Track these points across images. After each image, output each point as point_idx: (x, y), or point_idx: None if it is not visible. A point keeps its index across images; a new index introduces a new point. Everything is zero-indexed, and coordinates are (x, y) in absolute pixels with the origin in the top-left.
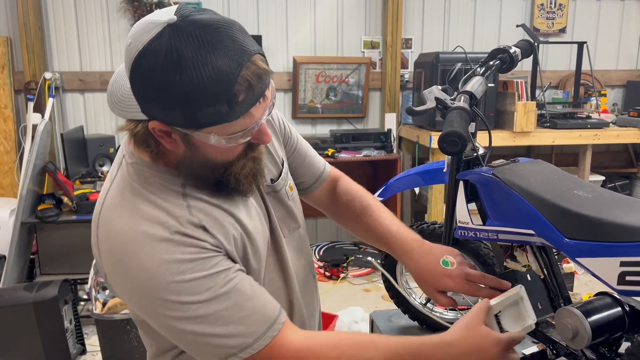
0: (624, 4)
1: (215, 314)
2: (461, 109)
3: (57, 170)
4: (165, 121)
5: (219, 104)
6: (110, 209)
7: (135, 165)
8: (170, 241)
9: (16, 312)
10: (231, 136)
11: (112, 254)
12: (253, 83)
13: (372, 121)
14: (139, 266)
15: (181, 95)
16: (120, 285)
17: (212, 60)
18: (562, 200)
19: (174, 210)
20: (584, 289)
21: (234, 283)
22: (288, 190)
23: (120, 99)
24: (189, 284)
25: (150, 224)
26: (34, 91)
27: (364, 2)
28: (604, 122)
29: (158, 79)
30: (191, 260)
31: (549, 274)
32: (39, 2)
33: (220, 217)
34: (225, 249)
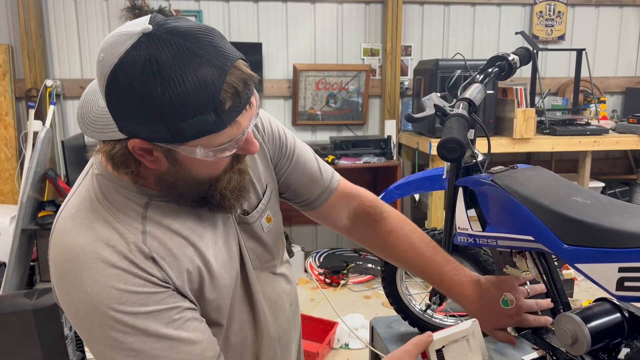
0: (622, 11)
1: (149, 352)
2: (460, 115)
3: (58, 177)
4: (146, 138)
5: (205, 113)
6: (66, 220)
7: (100, 177)
8: (117, 268)
9: (16, 319)
10: (218, 148)
11: (59, 266)
12: (239, 89)
13: (372, 128)
14: (82, 288)
15: (164, 107)
16: (61, 300)
17: (195, 68)
18: (561, 207)
19: (126, 234)
20: (584, 296)
21: (176, 325)
22: (264, 222)
23: (93, 119)
24: (127, 317)
25: (100, 245)
26: (35, 98)
27: (364, 10)
28: (604, 129)
29: (137, 93)
30: (134, 292)
31: (548, 280)
32: (40, 10)
33: (176, 248)
34: (174, 284)
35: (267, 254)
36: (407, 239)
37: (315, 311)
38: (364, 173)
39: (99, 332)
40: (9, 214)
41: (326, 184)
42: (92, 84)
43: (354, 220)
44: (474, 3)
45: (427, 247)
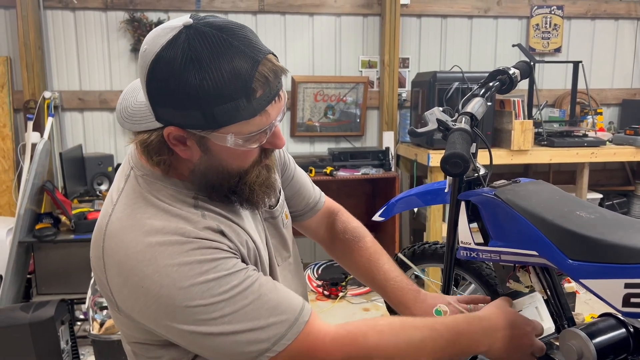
0: (618, 24)
1: (242, 310)
2: (463, 130)
3: (56, 189)
4: (181, 124)
5: (237, 99)
6: (121, 220)
7: (146, 177)
8: (191, 243)
9: (12, 332)
10: (248, 136)
11: (123, 266)
12: (270, 79)
13: (370, 139)
14: (159, 272)
15: (200, 93)
16: (132, 298)
17: (230, 58)
18: (565, 221)
19: (191, 217)
20: (583, 308)
21: (255, 278)
22: (284, 217)
23: (132, 113)
24: (211, 284)
25: (166, 233)
26: (33, 110)
27: (362, 22)
28: (601, 141)
29: (176, 79)
30: (212, 260)
31: (552, 295)
32: (39, 22)
33: (234, 227)
34: (241, 253)
35: (285, 251)
36: (370, 250)
37: None
38: (362, 184)
39: (185, 313)
40: (5, 226)
41: (315, 201)
42: (133, 83)
43: (332, 234)
44: (471, 16)
45: (388, 261)
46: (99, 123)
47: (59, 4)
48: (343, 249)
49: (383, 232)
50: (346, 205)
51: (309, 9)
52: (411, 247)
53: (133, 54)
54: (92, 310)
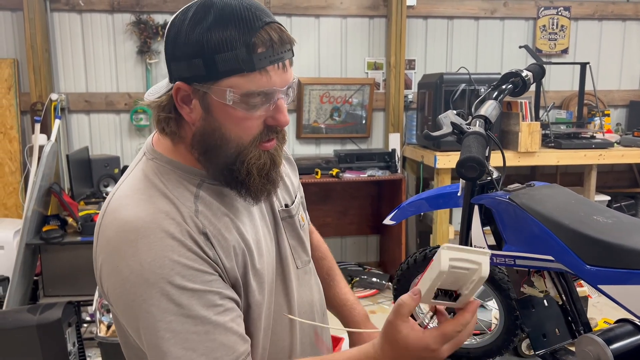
0: (625, 25)
1: (185, 335)
2: (478, 133)
3: (62, 191)
4: (187, 77)
5: (237, 49)
6: (122, 198)
7: (156, 160)
8: (174, 239)
9: (19, 334)
10: (246, 93)
11: (112, 240)
12: (274, 40)
13: (375, 141)
14: (135, 256)
15: (203, 40)
16: (109, 277)
17: (238, 13)
18: (582, 226)
19: (183, 208)
20: (592, 311)
21: (217, 310)
22: (300, 219)
23: (155, 89)
24: (174, 290)
25: (161, 215)
26: (40, 112)
27: (368, 24)
28: (609, 142)
29: (186, 30)
30: (186, 266)
31: (567, 300)
32: (46, 25)
33: (224, 228)
34: (222, 265)
35: (305, 254)
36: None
37: None
38: (368, 186)
39: (141, 307)
40: (12, 228)
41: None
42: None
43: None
44: (478, 17)
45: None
46: (105, 125)
47: (66, 6)
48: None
49: (389, 234)
50: (352, 207)
51: (315, 11)
52: (422, 251)
53: (139, 56)
54: (98, 312)
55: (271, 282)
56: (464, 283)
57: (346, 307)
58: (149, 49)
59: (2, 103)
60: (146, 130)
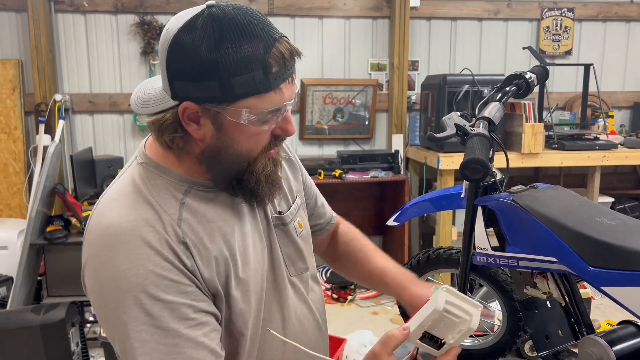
0: (630, 26)
1: (153, 345)
2: (481, 135)
3: (66, 191)
4: (198, 98)
5: (254, 71)
6: (108, 202)
7: (145, 165)
8: (151, 248)
9: (23, 334)
10: (262, 113)
11: (94, 244)
12: (286, 57)
13: (379, 142)
14: (112, 263)
15: (219, 62)
16: (89, 279)
17: (250, 32)
18: (586, 228)
19: (164, 216)
20: (595, 312)
21: (189, 324)
22: (297, 226)
23: (147, 98)
24: (147, 299)
25: (141, 223)
26: (44, 113)
27: (371, 25)
28: (612, 144)
29: (197, 50)
30: (161, 276)
31: (570, 302)
32: (50, 26)
33: (207, 237)
34: (201, 276)
35: (301, 262)
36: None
37: None
38: (371, 187)
39: (114, 314)
40: (16, 228)
41: (329, 219)
42: (146, 80)
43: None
44: (481, 18)
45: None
46: (109, 125)
47: (70, 7)
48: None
49: (392, 235)
50: (355, 208)
51: (318, 12)
52: (426, 252)
53: (143, 57)
54: None
55: (260, 290)
56: (451, 331)
57: (386, 276)
58: (153, 50)
59: (6, 104)
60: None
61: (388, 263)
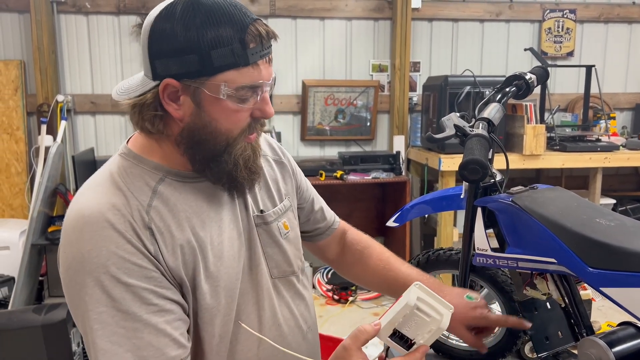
0: (632, 27)
1: (113, 328)
2: (480, 136)
3: (68, 191)
4: (178, 74)
5: (233, 44)
6: (83, 190)
7: (124, 155)
8: (115, 230)
9: (24, 334)
10: (240, 87)
11: (66, 227)
12: (262, 35)
13: (380, 143)
14: (78, 243)
15: (199, 36)
16: (60, 255)
17: (228, 11)
18: (585, 229)
19: (133, 201)
20: (596, 314)
21: (150, 309)
22: (281, 227)
23: (128, 87)
24: (109, 281)
25: (107, 206)
26: (46, 113)
27: (373, 26)
28: (614, 145)
29: (177, 29)
30: (124, 258)
31: (570, 303)
32: (53, 27)
33: (175, 226)
34: (165, 263)
35: (286, 264)
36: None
37: (323, 328)
38: (373, 189)
39: (77, 294)
40: (18, 228)
41: (331, 221)
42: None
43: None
44: (483, 19)
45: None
46: (111, 126)
47: (72, 8)
48: (358, 259)
49: (393, 236)
50: (356, 209)
51: (320, 13)
52: (425, 253)
53: None
54: None
55: (232, 288)
56: (421, 331)
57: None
58: None
59: (8, 104)
60: None
61: (412, 271)
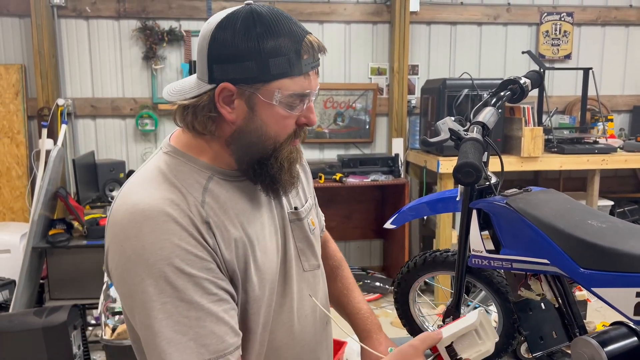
0: (629, 30)
1: (177, 318)
2: (475, 140)
3: (69, 195)
4: (235, 78)
5: (289, 54)
6: (132, 186)
7: (170, 153)
8: (176, 223)
9: (25, 337)
10: (292, 94)
11: (119, 222)
12: (315, 48)
13: (379, 146)
14: (138, 237)
15: (259, 43)
16: (113, 256)
17: (285, 24)
18: (577, 230)
19: (189, 197)
20: (595, 316)
21: (211, 299)
22: (310, 223)
23: (180, 88)
24: (172, 272)
25: (166, 201)
26: (46, 117)
27: (371, 30)
28: (612, 147)
29: (238, 36)
30: (186, 250)
31: (563, 303)
32: (53, 31)
33: (227, 221)
34: (221, 255)
35: (314, 258)
36: (349, 281)
37: None
38: (372, 191)
39: (139, 286)
40: (19, 231)
41: (322, 226)
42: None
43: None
44: (481, 23)
45: (360, 294)
46: (111, 130)
47: (73, 12)
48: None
49: (393, 239)
50: (356, 212)
51: (319, 17)
52: (422, 255)
53: (145, 62)
54: (104, 315)
55: (273, 281)
56: (470, 351)
57: (359, 316)
58: (155, 55)
59: (9, 108)
60: (151, 135)
61: (364, 305)
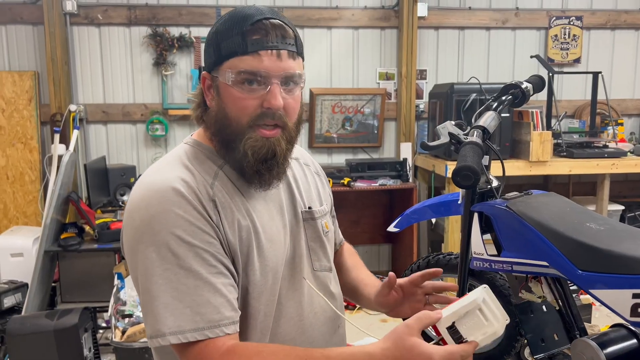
0: (639, 34)
1: (175, 284)
2: (474, 143)
3: (80, 199)
4: (208, 66)
5: (236, 34)
6: (150, 170)
7: (189, 143)
8: (182, 197)
9: (37, 339)
10: (240, 72)
11: (134, 198)
12: (270, 32)
13: (387, 151)
14: (147, 209)
15: (218, 33)
16: (125, 226)
17: (248, 10)
18: (575, 233)
19: (199, 177)
20: (605, 321)
21: (210, 270)
22: (323, 225)
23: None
24: (174, 240)
25: (176, 179)
26: (59, 123)
27: (379, 35)
28: (622, 151)
29: (212, 30)
30: (189, 221)
31: (564, 306)
32: (66, 38)
33: (234, 205)
34: (224, 234)
35: (325, 259)
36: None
37: None
38: (380, 195)
39: (143, 253)
40: (32, 235)
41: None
42: None
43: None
44: (489, 27)
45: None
46: (122, 135)
47: (85, 20)
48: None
49: (401, 243)
50: (364, 216)
51: (327, 22)
52: (426, 258)
53: (155, 68)
54: (114, 318)
55: (277, 271)
56: (476, 332)
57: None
58: (165, 61)
59: (23, 114)
60: (162, 140)
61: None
